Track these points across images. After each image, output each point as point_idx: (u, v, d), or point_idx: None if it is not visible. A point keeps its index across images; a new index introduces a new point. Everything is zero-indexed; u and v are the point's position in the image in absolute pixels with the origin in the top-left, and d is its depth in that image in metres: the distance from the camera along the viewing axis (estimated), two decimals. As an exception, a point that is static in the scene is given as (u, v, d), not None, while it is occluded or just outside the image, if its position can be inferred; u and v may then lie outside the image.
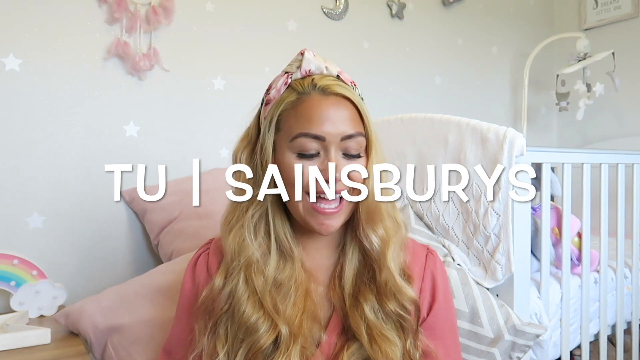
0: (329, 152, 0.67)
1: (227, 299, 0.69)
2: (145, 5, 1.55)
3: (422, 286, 0.76)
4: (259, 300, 0.68)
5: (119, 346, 1.00)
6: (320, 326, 0.71)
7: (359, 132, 0.69)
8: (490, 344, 0.98)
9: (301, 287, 0.70)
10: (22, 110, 1.40)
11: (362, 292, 0.71)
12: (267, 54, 1.83)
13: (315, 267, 0.74)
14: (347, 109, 0.69)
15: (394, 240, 0.72)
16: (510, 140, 1.02)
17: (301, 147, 0.67)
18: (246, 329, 0.67)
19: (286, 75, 0.72)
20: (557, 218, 1.31)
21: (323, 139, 0.66)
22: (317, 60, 0.71)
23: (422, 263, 0.78)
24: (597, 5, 2.58)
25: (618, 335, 1.46)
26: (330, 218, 0.67)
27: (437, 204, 1.16)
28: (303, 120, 0.67)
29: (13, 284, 1.26)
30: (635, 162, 1.49)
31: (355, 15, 2.06)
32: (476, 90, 2.49)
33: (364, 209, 0.69)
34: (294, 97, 0.69)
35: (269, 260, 0.70)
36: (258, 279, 0.69)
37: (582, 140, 2.65)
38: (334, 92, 0.69)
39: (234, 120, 1.78)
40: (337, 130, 0.67)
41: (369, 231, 0.70)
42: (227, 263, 0.71)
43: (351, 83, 0.73)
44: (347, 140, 0.68)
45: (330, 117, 0.67)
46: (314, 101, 0.68)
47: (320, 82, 0.69)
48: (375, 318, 0.70)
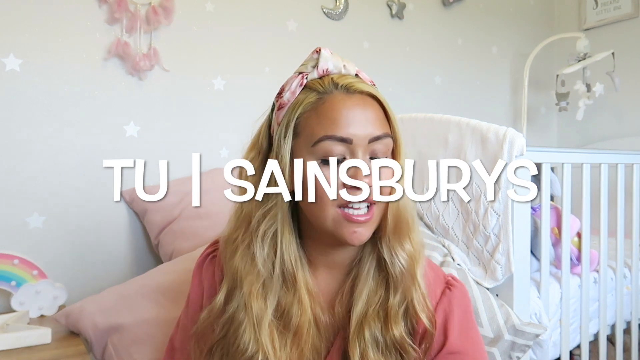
0: (356, 156, 0.60)
1: (224, 324, 0.65)
2: (145, 5, 1.55)
3: (436, 320, 0.68)
4: (255, 336, 0.63)
5: (119, 346, 1.00)
6: (321, 357, 0.67)
7: (386, 133, 0.63)
8: (490, 344, 0.98)
9: (304, 315, 0.65)
10: (22, 110, 1.40)
11: (368, 317, 0.65)
12: (267, 54, 1.83)
13: (323, 287, 0.69)
14: (374, 108, 0.63)
15: (423, 257, 0.66)
16: (510, 140, 1.03)
17: (325, 152, 0.60)
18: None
19: (301, 75, 0.65)
20: (557, 218, 1.31)
21: (350, 141, 0.60)
22: (334, 58, 0.65)
23: (436, 298, 0.69)
24: (597, 5, 2.58)
25: (617, 335, 1.46)
26: (362, 226, 0.61)
27: (437, 204, 1.16)
28: (327, 122, 0.61)
29: (13, 284, 1.26)
30: (635, 162, 1.49)
31: (355, 15, 2.06)
32: (476, 90, 2.49)
33: (392, 219, 0.63)
34: (313, 97, 0.63)
35: (272, 285, 0.65)
36: (258, 306, 0.63)
37: (582, 140, 2.66)
38: (358, 90, 0.63)
39: (234, 120, 1.79)
40: (364, 132, 0.61)
41: (396, 245, 0.64)
42: (229, 283, 0.66)
43: (370, 82, 0.67)
44: (374, 143, 0.62)
45: (357, 117, 0.61)
46: (337, 100, 0.62)
47: (342, 81, 0.63)
48: (374, 351, 0.64)
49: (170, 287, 1.07)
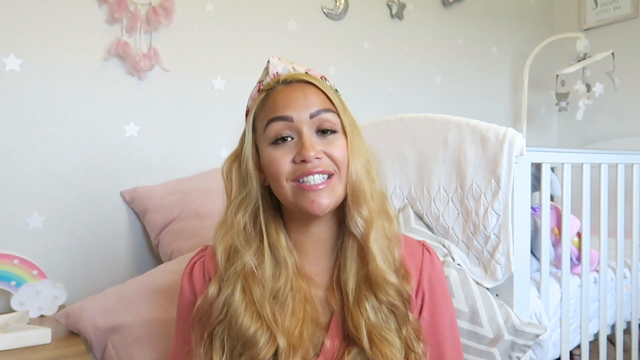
0: (301, 132, 0.67)
1: (222, 308, 0.67)
2: (145, 5, 1.55)
3: (420, 281, 0.76)
4: (257, 311, 0.66)
5: (119, 346, 1.00)
6: (323, 331, 0.70)
7: (327, 108, 0.69)
8: (490, 344, 0.98)
9: (299, 294, 0.69)
10: (22, 110, 1.40)
11: (362, 290, 0.70)
12: (267, 54, 1.80)
13: (314, 271, 0.73)
14: (312, 91, 0.70)
15: (378, 223, 0.70)
16: (510, 140, 1.02)
17: (274, 134, 0.68)
18: (244, 342, 0.65)
19: (259, 84, 0.75)
20: (557, 218, 1.31)
21: (291, 119, 0.67)
22: (282, 62, 0.74)
23: (420, 259, 0.77)
24: (597, 6, 2.58)
25: (617, 335, 1.46)
26: (318, 194, 0.66)
27: (437, 204, 1.16)
28: (270, 109, 0.69)
29: (13, 284, 1.26)
30: (634, 162, 1.49)
31: (355, 16, 2.06)
32: (476, 90, 2.49)
33: (350, 188, 0.69)
34: (263, 96, 0.72)
35: (264, 268, 0.69)
36: (256, 288, 0.67)
37: (582, 140, 2.66)
38: (296, 79, 0.71)
39: (234, 120, 1.78)
40: (304, 110, 0.68)
41: (354, 212, 0.69)
42: (220, 271, 0.70)
43: (321, 77, 0.74)
44: (317, 117, 0.68)
45: (294, 99, 0.68)
46: (278, 91, 0.70)
47: (284, 77, 0.72)
48: (376, 318, 0.69)
49: (170, 287, 1.07)
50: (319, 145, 0.67)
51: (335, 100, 0.71)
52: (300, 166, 0.66)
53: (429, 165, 1.17)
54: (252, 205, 0.71)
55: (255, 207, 0.71)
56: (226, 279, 0.69)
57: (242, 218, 0.70)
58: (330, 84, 0.74)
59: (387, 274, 0.69)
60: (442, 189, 1.15)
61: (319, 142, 0.68)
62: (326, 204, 0.67)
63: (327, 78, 0.75)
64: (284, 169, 0.67)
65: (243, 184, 0.71)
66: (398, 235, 0.74)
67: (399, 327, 0.70)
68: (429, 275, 0.77)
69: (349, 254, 0.71)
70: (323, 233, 0.73)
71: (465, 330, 0.99)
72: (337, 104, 0.71)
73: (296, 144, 0.67)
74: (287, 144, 0.68)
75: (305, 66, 0.75)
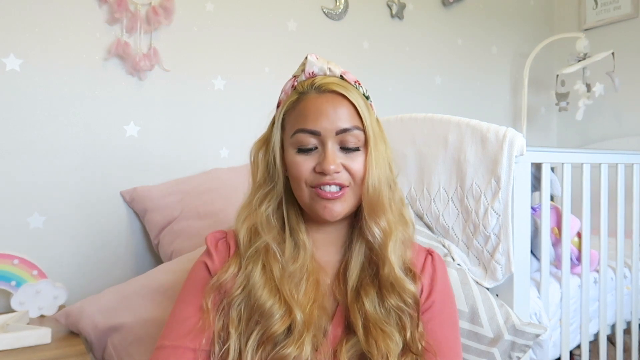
0: (326, 145, 0.71)
1: (242, 283, 0.71)
2: (145, 5, 1.55)
3: (422, 282, 0.79)
4: (276, 286, 0.71)
5: (119, 346, 1.00)
6: (328, 317, 0.74)
7: (355, 125, 0.72)
8: (490, 344, 0.98)
9: (312, 277, 0.73)
10: (22, 110, 1.40)
11: (364, 286, 0.74)
12: (267, 54, 1.83)
13: (324, 262, 0.78)
14: (343, 105, 0.72)
15: (396, 234, 0.74)
16: (510, 140, 1.03)
17: (299, 143, 0.72)
18: (261, 314, 0.69)
19: (294, 78, 0.77)
20: (557, 218, 1.31)
21: (318, 133, 0.71)
22: (319, 62, 0.75)
23: (421, 262, 0.81)
24: (597, 6, 2.58)
25: (618, 334, 1.46)
26: (332, 202, 0.71)
27: (437, 204, 1.16)
28: (300, 118, 0.72)
29: (13, 284, 1.26)
30: (634, 162, 1.49)
31: (355, 16, 2.06)
32: (476, 90, 2.49)
33: (366, 201, 0.72)
34: (295, 97, 0.74)
35: (284, 249, 0.74)
36: (275, 267, 0.72)
37: (582, 140, 2.66)
38: (329, 89, 0.72)
39: (234, 120, 1.79)
40: (332, 125, 0.71)
41: (372, 224, 0.72)
42: (241, 250, 0.74)
43: (355, 82, 0.76)
44: (343, 134, 0.71)
45: (325, 113, 0.71)
46: (310, 99, 0.73)
47: (318, 82, 0.73)
48: (375, 312, 0.72)
49: (170, 287, 1.07)
50: (340, 158, 0.72)
51: (364, 114, 0.73)
52: (319, 176, 0.71)
53: (429, 165, 1.17)
54: (277, 198, 0.76)
55: (279, 200, 0.76)
56: (247, 256, 0.73)
57: (266, 209, 0.75)
58: (363, 89, 0.77)
59: (405, 281, 0.73)
60: (442, 188, 1.15)
61: (341, 156, 0.72)
62: (338, 211, 0.72)
63: (361, 83, 0.77)
64: (305, 175, 0.72)
65: (269, 177, 0.76)
66: (411, 239, 0.79)
67: (402, 325, 0.72)
68: (430, 277, 0.80)
69: (355, 254, 0.76)
70: (334, 233, 0.79)
71: (465, 330, 0.99)
72: (365, 119, 0.73)
73: (319, 154, 0.72)
74: (311, 153, 0.72)
75: (341, 67, 0.76)
